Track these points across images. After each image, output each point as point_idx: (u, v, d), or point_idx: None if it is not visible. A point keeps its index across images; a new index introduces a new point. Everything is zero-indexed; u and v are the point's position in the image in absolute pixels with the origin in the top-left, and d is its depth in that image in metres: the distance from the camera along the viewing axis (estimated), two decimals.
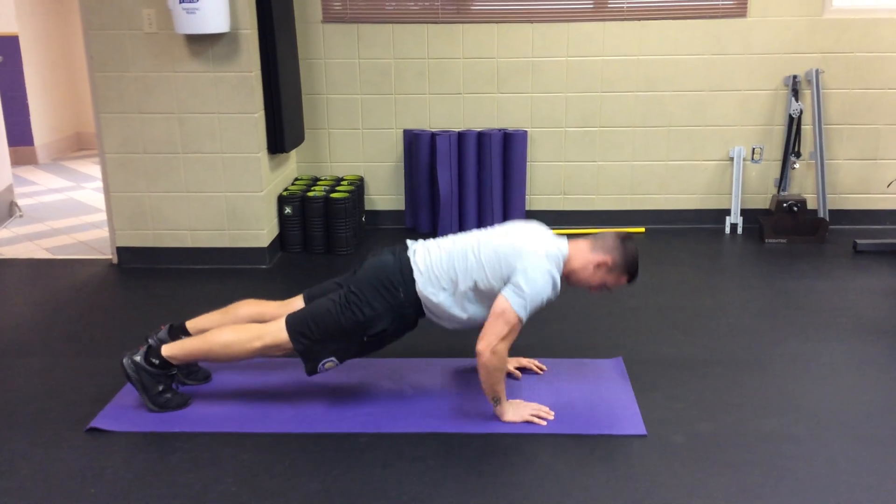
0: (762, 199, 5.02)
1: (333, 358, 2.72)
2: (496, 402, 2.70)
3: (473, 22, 4.80)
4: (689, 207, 5.06)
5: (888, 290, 3.96)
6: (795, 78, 4.79)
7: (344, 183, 4.83)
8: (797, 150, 4.86)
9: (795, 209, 4.71)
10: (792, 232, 4.73)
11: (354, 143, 5.01)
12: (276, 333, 2.70)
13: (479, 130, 4.89)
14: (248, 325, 2.79)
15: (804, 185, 4.99)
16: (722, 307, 3.76)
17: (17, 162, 6.94)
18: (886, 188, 4.95)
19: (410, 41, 4.82)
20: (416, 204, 4.98)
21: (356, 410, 2.80)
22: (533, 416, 2.70)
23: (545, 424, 2.69)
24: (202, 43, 4.09)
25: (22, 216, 5.52)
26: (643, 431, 2.65)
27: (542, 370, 3.09)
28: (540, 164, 5.00)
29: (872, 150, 4.92)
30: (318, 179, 4.93)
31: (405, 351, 3.18)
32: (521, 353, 3.10)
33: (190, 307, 3.26)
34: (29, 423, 2.76)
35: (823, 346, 3.34)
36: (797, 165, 4.90)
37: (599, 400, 2.87)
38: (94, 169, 7.04)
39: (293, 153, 4.99)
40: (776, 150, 4.95)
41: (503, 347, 2.61)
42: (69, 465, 2.50)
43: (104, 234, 4.85)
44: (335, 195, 4.57)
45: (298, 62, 4.76)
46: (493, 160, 4.85)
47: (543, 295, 2.62)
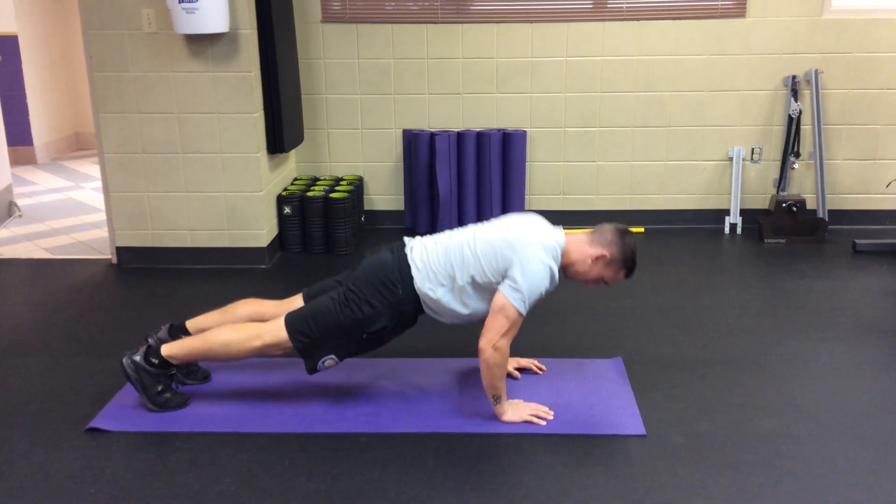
0: (761, 199, 5.03)
1: (333, 356, 2.72)
2: (496, 400, 2.69)
3: (473, 22, 4.80)
4: (688, 207, 5.06)
5: (888, 290, 3.96)
6: (795, 78, 4.79)
7: (343, 183, 4.83)
8: (796, 150, 4.86)
9: (795, 209, 4.72)
10: (791, 232, 4.73)
11: (354, 143, 5.01)
12: (275, 332, 2.70)
13: (478, 130, 4.89)
14: (247, 324, 2.79)
15: (803, 185, 4.99)
16: (721, 307, 3.77)
17: (16, 162, 6.94)
18: (885, 188, 4.96)
19: (410, 41, 4.82)
20: (415, 204, 4.98)
21: (356, 410, 2.80)
22: (532, 416, 2.70)
23: (545, 424, 2.69)
24: (201, 43, 4.09)
25: (21, 216, 5.52)
26: (643, 431, 2.65)
27: (541, 370, 3.09)
28: (539, 164, 5.00)
29: (871, 150, 4.93)
30: (317, 179, 4.93)
31: (405, 351, 3.19)
32: (520, 353, 3.10)
33: (189, 307, 3.26)
34: (29, 423, 2.76)
35: (823, 346, 3.34)
36: (796, 165, 4.90)
37: (599, 400, 2.87)
38: (93, 169, 7.04)
39: (292, 153, 4.99)
40: (775, 150, 4.95)
41: (505, 343, 2.61)
42: (69, 465, 2.50)
43: (104, 233, 4.85)
44: (334, 195, 4.57)
45: (298, 62, 4.76)
46: (492, 160, 4.85)
47: (541, 287, 2.62)
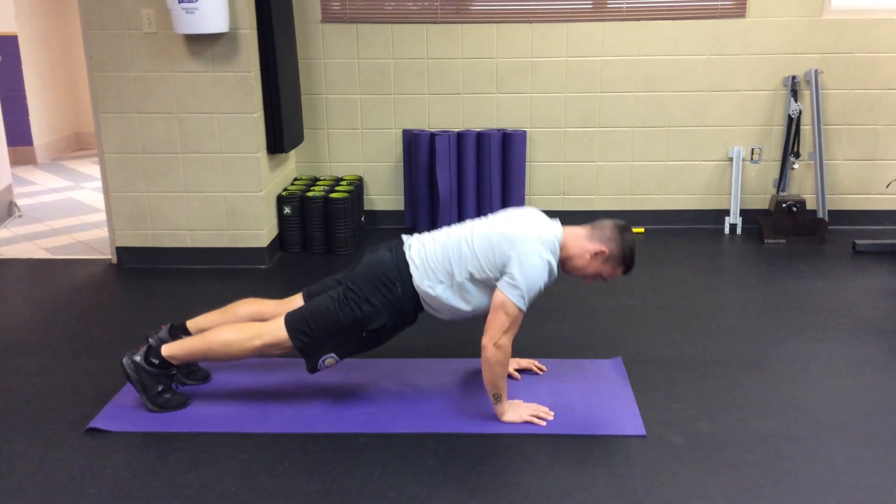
0: (761, 199, 5.03)
1: (333, 354, 2.72)
2: (497, 399, 2.69)
3: (472, 22, 4.80)
4: (688, 208, 5.06)
5: (887, 290, 3.96)
6: (794, 78, 4.79)
7: (343, 183, 4.83)
8: (796, 150, 4.86)
9: (795, 209, 4.72)
10: (791, 232, 4.73)
11: (354, 143, 5.01)
12: (275, 332, 2.70)
13: (478, 130, 4.89)
14: (247, 323, 2.79)
15: (803, 185, 4.99)
16: (721, 307, 3.77)
17: (16, 162, 6.94)
18: (885, 188, 4.96)
19: (410, 41, 4.82)
20: (415, 204, 4.98)
21: (356, 410, 2.80)
22: (532, 416, 2.70)
23: (545, 425, 2.69)
24: (201, 43, 4.09)
25: (21, 216, 5.52)
26: (642, 432, 2.65)
27: (541, 370, 3.09)
28: (539, 164, 5.00)
29: (871, 150, 4.93)
30: (317, 179, 4.93)
31: (405, 351, 3.19)
32: (520, 353, 3.09)
33: (189, 307, 3.26)
34: (28, 423, 2.76)
35: (823, 346, 3.34)
36: (796, 166, 4.90)
37: (599, 400, 2.87)
38: (93, 169, 7.04)
39: (292, 153, 4.99)
40: (775, 150, 4.95)
41: (506, 340, 2.61)
42: (68, 465, 2.50)
43: (103, 233, 4.85)
44: (334, 195, 4.57)
45: (297, 62, 4.76)
46: (492, 160, 4.85)
47: (540, 282, 2.62)
